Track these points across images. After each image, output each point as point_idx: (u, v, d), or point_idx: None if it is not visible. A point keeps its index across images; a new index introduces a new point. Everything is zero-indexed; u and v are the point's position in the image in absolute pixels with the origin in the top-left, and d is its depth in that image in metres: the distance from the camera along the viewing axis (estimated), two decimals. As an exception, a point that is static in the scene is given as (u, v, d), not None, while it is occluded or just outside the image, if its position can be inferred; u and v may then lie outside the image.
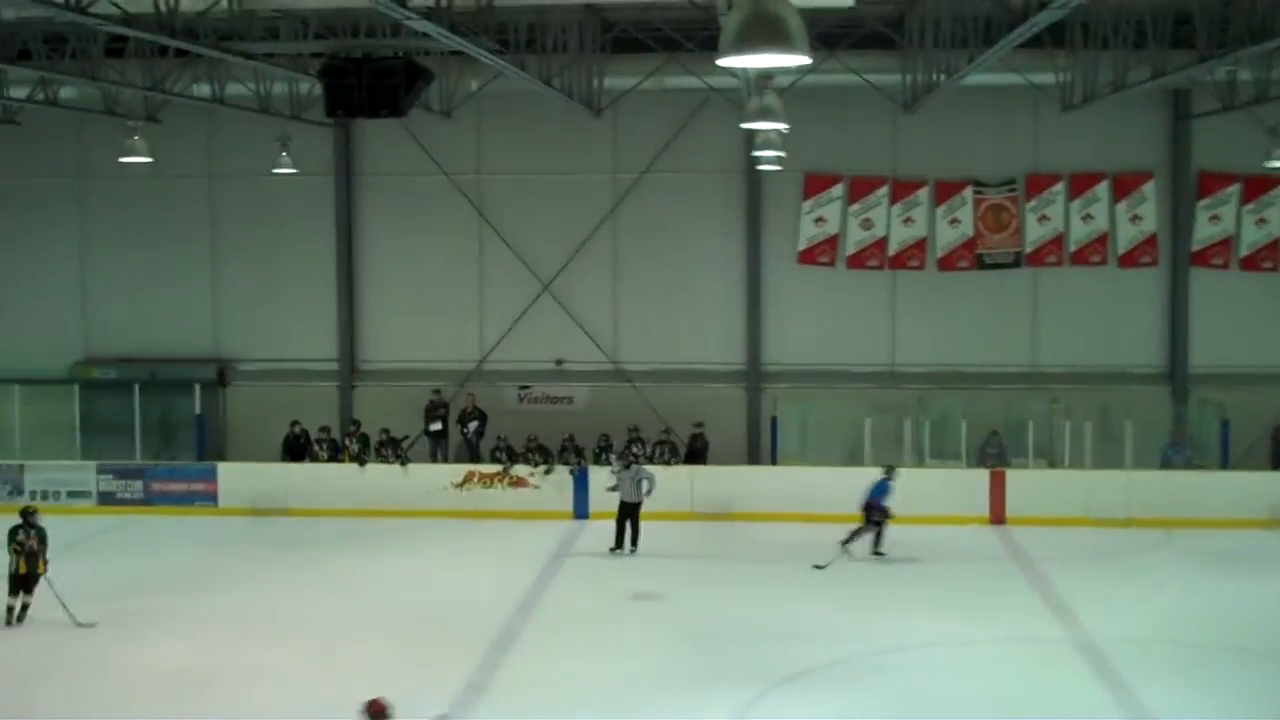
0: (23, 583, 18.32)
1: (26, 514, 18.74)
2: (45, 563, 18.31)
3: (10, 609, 18.22)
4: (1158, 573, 21.67)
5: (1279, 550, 22.82)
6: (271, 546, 23.28)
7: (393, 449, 26.00)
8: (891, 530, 22.77)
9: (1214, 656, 17.09)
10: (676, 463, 25.73)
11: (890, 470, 22.70)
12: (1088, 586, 20.57)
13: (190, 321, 28.99)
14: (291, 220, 28.78)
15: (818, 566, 21.52)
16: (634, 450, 24.74)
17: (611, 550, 22.77)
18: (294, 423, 26.46)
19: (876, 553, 22.19)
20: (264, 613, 19.13)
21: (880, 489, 22.35)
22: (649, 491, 22.91)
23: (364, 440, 26.11)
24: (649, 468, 23.52)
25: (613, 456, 24.75)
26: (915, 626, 18.49)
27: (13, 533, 18.47)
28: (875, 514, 22.23)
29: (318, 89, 19.73)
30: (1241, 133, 25.44)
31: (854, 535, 22.17)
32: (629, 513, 22.91)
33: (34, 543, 18.31)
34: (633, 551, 22.74)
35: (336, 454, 26.18)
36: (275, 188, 27.89)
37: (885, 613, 19.15)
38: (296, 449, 26.36)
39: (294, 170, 26.26)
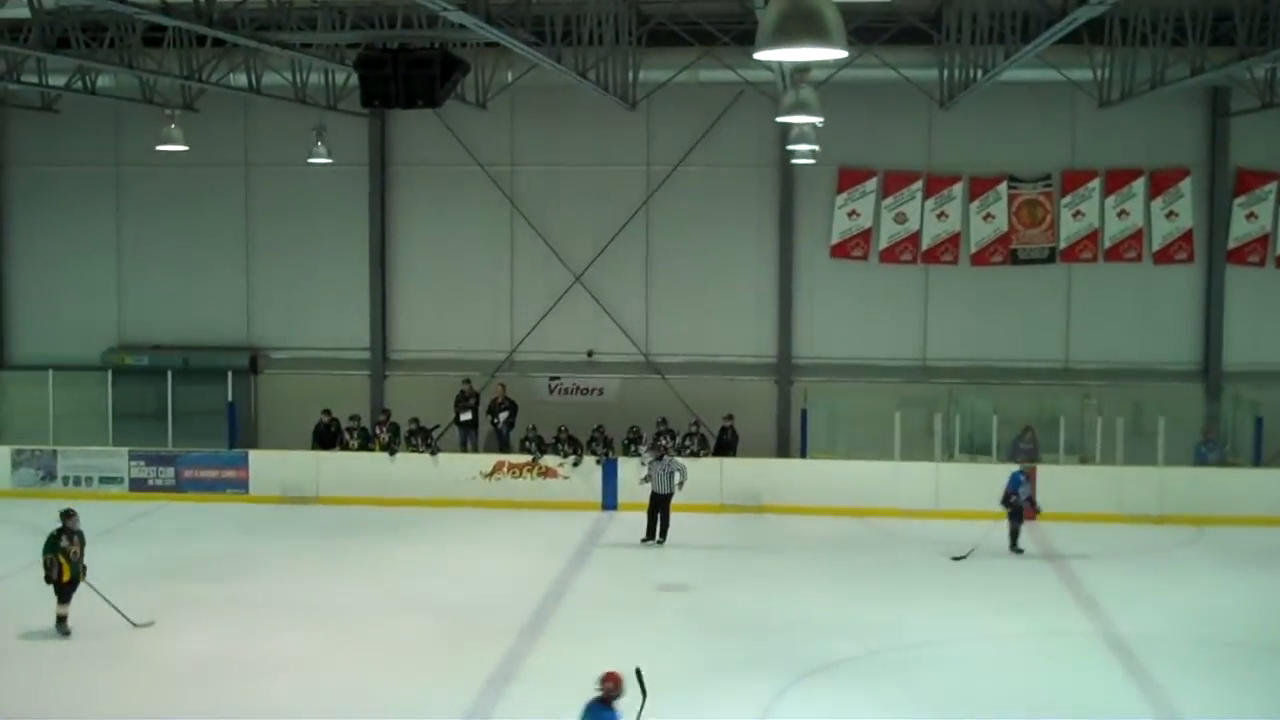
0: (69, 589, 17.55)
1: (67, 518, 17.81)
2: (84, 568, 17.72)
3: (62, 618, 17.46)
4: (1189, 570, 21.58)
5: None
6: (301, 534, 23.40)
7: (423, 438, 26.10)
8: (923, 525, 22.76)
9: (1244, 654, 17.02)
10: (706, 454, 25.76)
11: (1023, 467, 23.04)
12: (1118, 583, 20.52)
13: (223, 309, 29.16)
14: (325, 210, 28.90)
15: (956, 558, 21.67)
16: (663, 441, 24.74)
17: (642, 541, 22.81)
18: (324, 411, 26.58)
19: (1015, 549, 22.34)
20: (293, 600, 19.25)
21: (1014, 482, 22.48)
22: (681, 484, 22.89)
23: (394, 429, 26.20)
24: (680, 460, 23.51)
25: (643, 448, 24.76)
26: (945, 621, 18.49)
27: (54, 539, 17.60)
28: (1015, 507, 22.36)
29: (354, 79, 19.83)
30: (1280, 130, 25.33)
31: (1014, 534, 22.40)
32: (660, 504, 22.93)
33: (77, 549, 17.63)
34: (660, 543, 22.78)
35: (367, 443, 26.28)
36: (310, 177, 28.01)
37: (915, 607, 19.15)
38: (326, 438, 26.47)
39: (329, 160, 26.34)
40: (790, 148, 23.53)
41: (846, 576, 20.97)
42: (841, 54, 8.10)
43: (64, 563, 17.44)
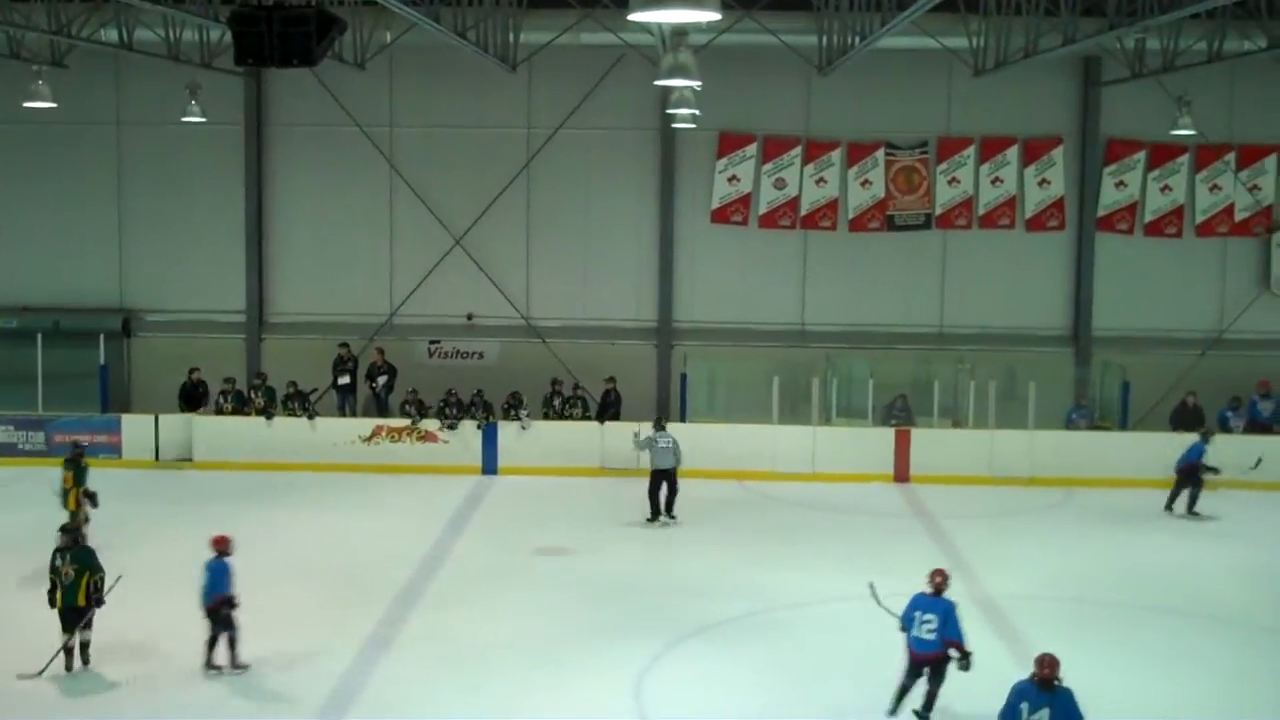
0: (67, 617, 15.08)
1: (63, 533, 15.62)
2: (96, 593, 15.12)
3: (67, 650, 15.03)
4: (1056, 531, 22.09)
5: (1174, 509, 23.29)
6: (176, 500, 23.07)
7: (300, 402, 25.84)
8: (801, 488, 23.05)
9: (1106, 611, 17.49)
10: (589, 418, 25.81)
11: (1206, 434, 23.36)
12: (988, 543, 20.96)
13: (95, 270, 28.53)
14: (201, 169, 28.37)
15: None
16: (662, 417, 24.05)
17: (648, 521, 22.13)
18: (192, 370, 26.23)
19: (1193, 513, 22.75)
20: (166, 567, 18.84)
21: (1196, 451, 22.87)
22: (678, 460, 22.28)
23: (270, 392, 25.91)
24: (672, 433, 22.56)
25: (638, 429, 23.04)
26: (819, 582, 18.75)
27: (52, 556, 15.32)
28: (1199, 473, 22.79)
29: (228, 36, 19.45)
30: (1149, 100, 25.88)
31: (1173, 497, 22.90)
32: (663, 478, 22.20)
33: (72, 570, 15.01)
34: (671, 519, 22.10)
35: (242, 406, 25.94)
36: (185, 137, 27.43)
37: (790, 569, 19.39)
38: (194, 397, 26.11)
39: (203, 119, 25.81)
40: (670, 112, 23.59)
41: (724, 539, 21.16)
42: (715, 16, 8.16)
43: (57, 584, 15.10)
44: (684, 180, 27.97)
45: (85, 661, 15.14)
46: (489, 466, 25.39)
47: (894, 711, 13.93)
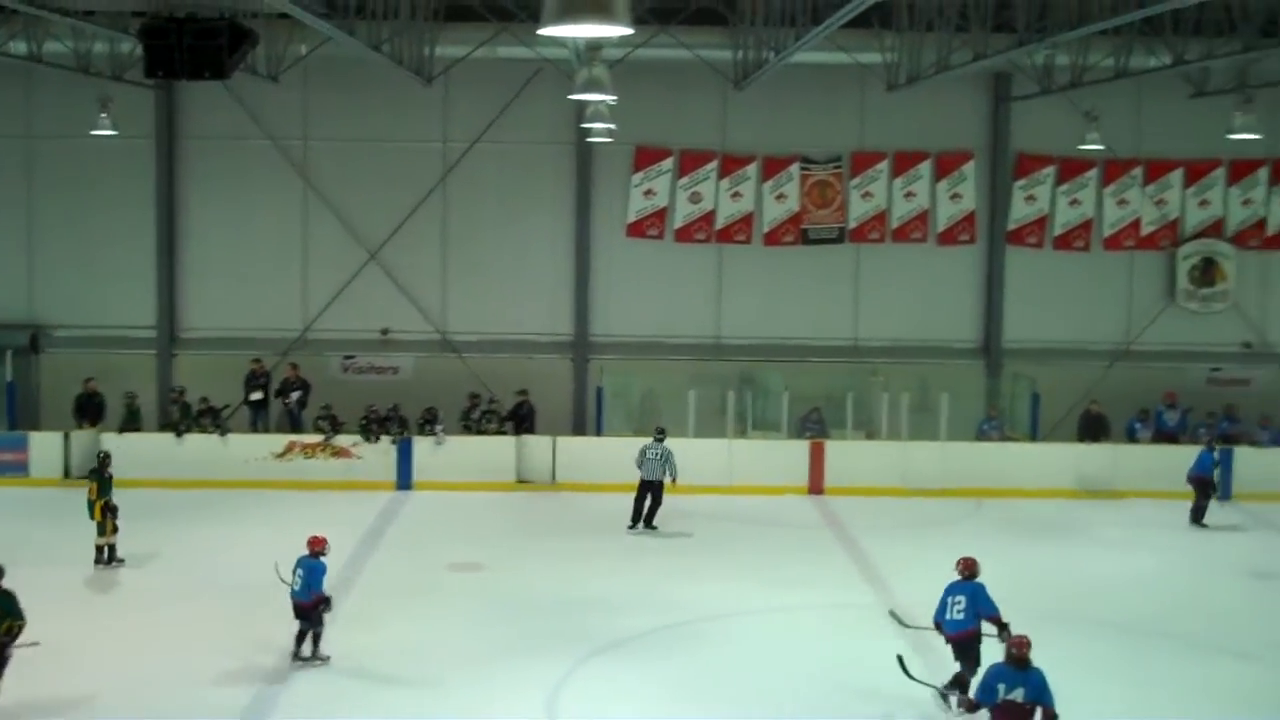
0: None
1: None
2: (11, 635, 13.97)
3: None
4: (968, 541, 22.06)
5: (1083, 519, 23.66)
6: (84, 519, 22.63)
7: (212, 418, 25.57)
8: (717, 501, 23.16)
9: (1014, 619, 17.49)
10: (507, 432, 25.77)
11: (1211, 444, 23.91)
12: (900, 554, 21.14)
13: (3, 285, 28.05)
14: (112, 183, 27.97)
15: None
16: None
17: (629, 529, 22.41)
18: (87, 380, 26.01)
19: (1201, 524, 23.19)
20: (75, 587, 18.71)
21: (1206, 460, 23.35)
22: (674, 476, 22.54)
23: (184, 409, 25.61)
24: (666, 447, 22.76)
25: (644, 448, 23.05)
26: (733, 595, 18.84)
27: None
28: (1205, 487, 23.36)
29: (139, 49, 19.25)
30: (1058, 116, 26.33)
31: (1199, 509, 23.35)
32: (648, 490, 22.54)
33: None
34: (650, 529, 22.42)
35: (134, 422, 25.72)
36: (95, 150, 27.06)
37: (705, 582, 19.46)
38: (89, 409, 25.79)
39: (114, 132, 25.47)
40: (586, 126, 23.63)
41: (639, 553, 21.21)
42: (627, 31, 8.19)
43: None
44: (600, 194, 28.02)
45: None
46: (404, 482, 25.25)
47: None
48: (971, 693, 12.98)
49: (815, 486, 25.25)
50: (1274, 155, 27.86)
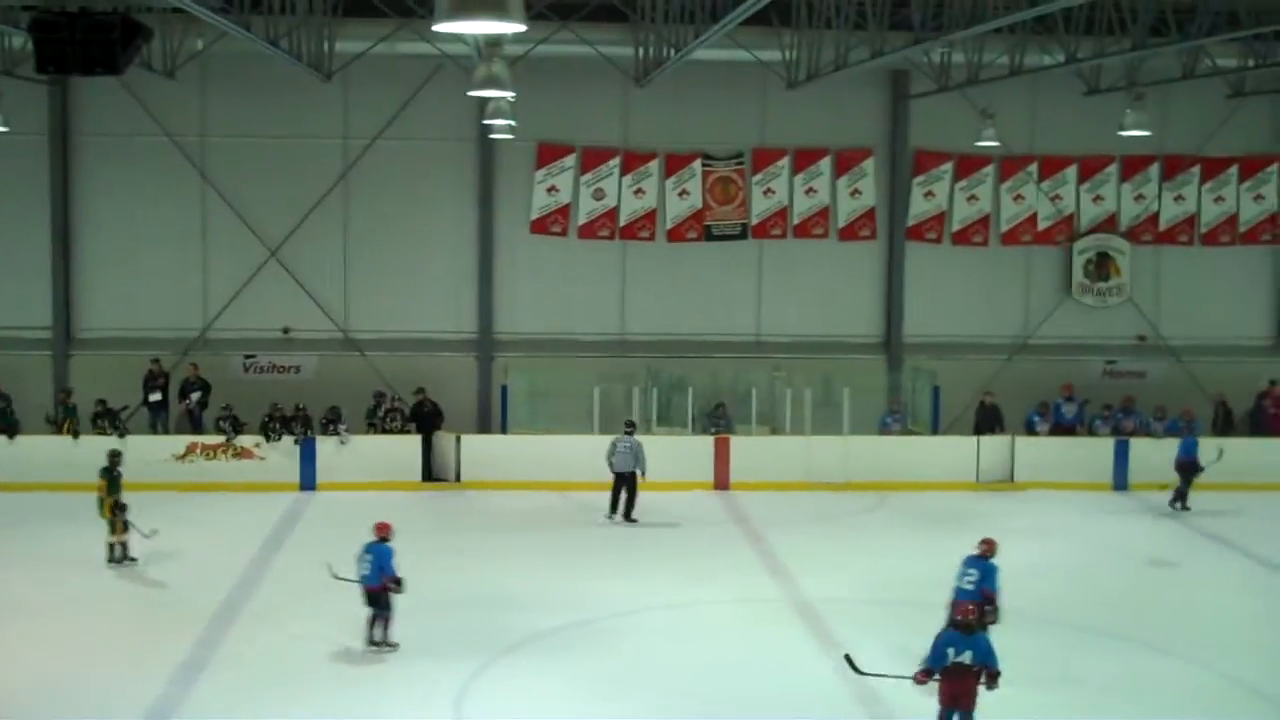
0: None
1: None
2: None
3: None
4: (871, 534, 22.60)
5: (983, 512, 23.92)
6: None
7: (109, 420, 25.17)
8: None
9: (921, 612, 17.80)
10: (408, 431, 25.63)
11: (1191, 429, 24.82)
12: (805, 548, 21.33)
13: (-110, 285, 27.46)
14: (3, 180, 27.37)
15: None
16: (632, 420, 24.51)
17: (607, 518, 22.88)
18: None
19: (1185, 507, 24.02)
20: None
21: (1190, 446, 24.12)
22: (643, 472, 22.96)
23: (72, 410, 25.22)
24: (638, 439, 23.34)
25: (614, 440, 23.45)
26: (641, 591, 18.87)
27: None
28: (1190, 471, 24.00)
29: (30, 43, 18.90)
30: (955, 113, 26.69)
31: (1181, 494, 24.10)
32: (623, 482, 22.95)
33: None
34: (630, 520, 22.84)
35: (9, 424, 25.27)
36: (-15, 147, 26.57)
37: (612, 579, 19.48)
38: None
39: (5, 128, 24.91)
40: (487, 122, 23.55)
41: (547, 551, 21.17)
42: (520, 28, 8.20)
43: None
44: (503, 191, 27.94)
45: None
46: (308, 482, 25.03)
47: None
48: (921, 662, 13.40)
49: (721, 482, 25.38)
50: (1165, 152, 28.45)
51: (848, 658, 13.71)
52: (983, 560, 15.65)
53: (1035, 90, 27.03)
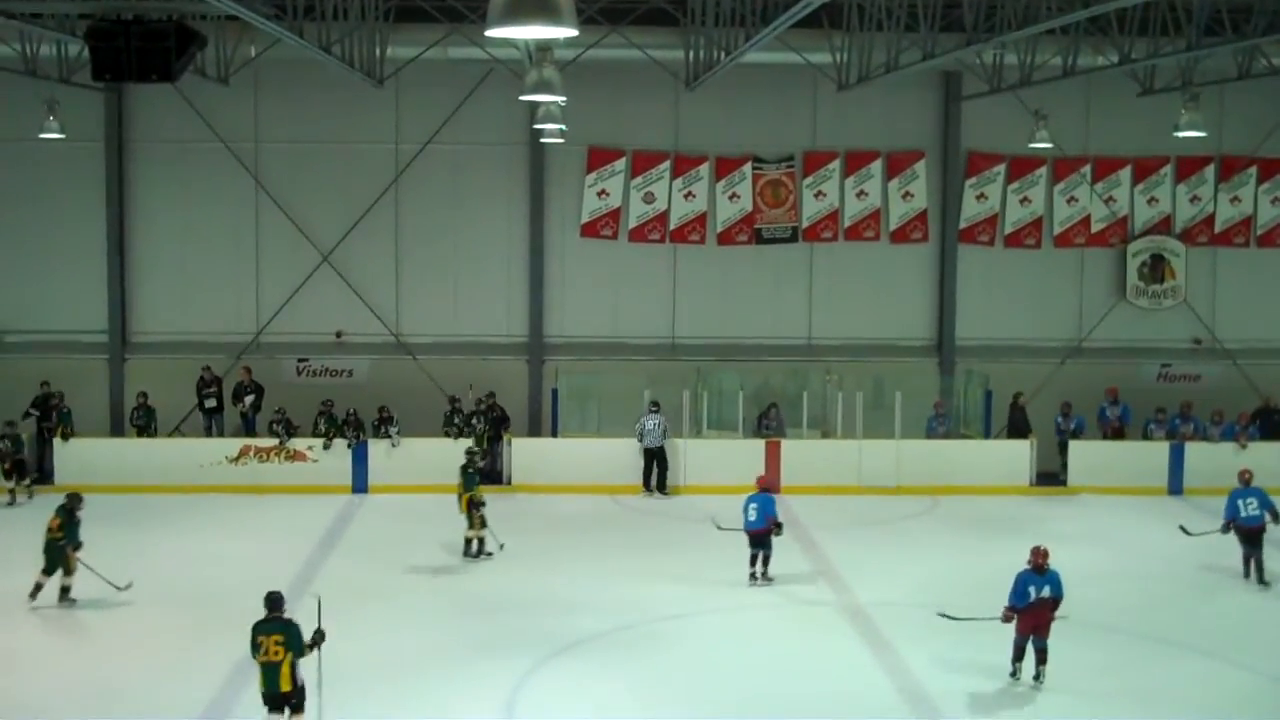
0: None
1: None
2: None
3: None
4: (923, 538, 22.47)
5: (1035, 515, 23.78)
6: (38, 524, 22.47)
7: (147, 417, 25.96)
8: (673, 501, 23.30)
9: (981, 614, 17.78)
10: (507, 432, 26.09)
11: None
12: (857, 552, 21.25)
13: (-50, 291, 27.81)
14: (61, 187, 27.71)
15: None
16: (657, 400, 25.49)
17: (644, 494, 24.84)
18: (43, 382, 26.24)
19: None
20: (28, 594, 18.54)
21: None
22: (667, 436, 25.03)
23: (150, 413, 25.79)
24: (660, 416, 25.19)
25: (642, 420, 25.35)
26: (692, 594, 18.86)
27: None
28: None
29: (87, 52, 19.11)
30: (1007, 115, 26.49)
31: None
32: (653, 457, 24.75)
33: None
34: (663, 494, 24.80)
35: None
36: (43, 153, 26.78)
37: (662, 582, 19.47)
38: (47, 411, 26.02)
39: (62, 135, 25.23)
40: (538, 127, 23.61)
41: (597, 554, 21.20)
42: (572, 33, 8.22)
43: None
44: (553, 195, 28.01)
45: None
46: (359, 485, 25.17)
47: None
48: (1007, 601, 15.40)
49: (772, 486, 25.27)
50: (1220, 152, 28.17)
51: (942, 614, 15.90)
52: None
53: (1089, 91, 26.85)
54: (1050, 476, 26.02)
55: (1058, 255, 28.51)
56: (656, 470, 24.77)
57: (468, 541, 20.70)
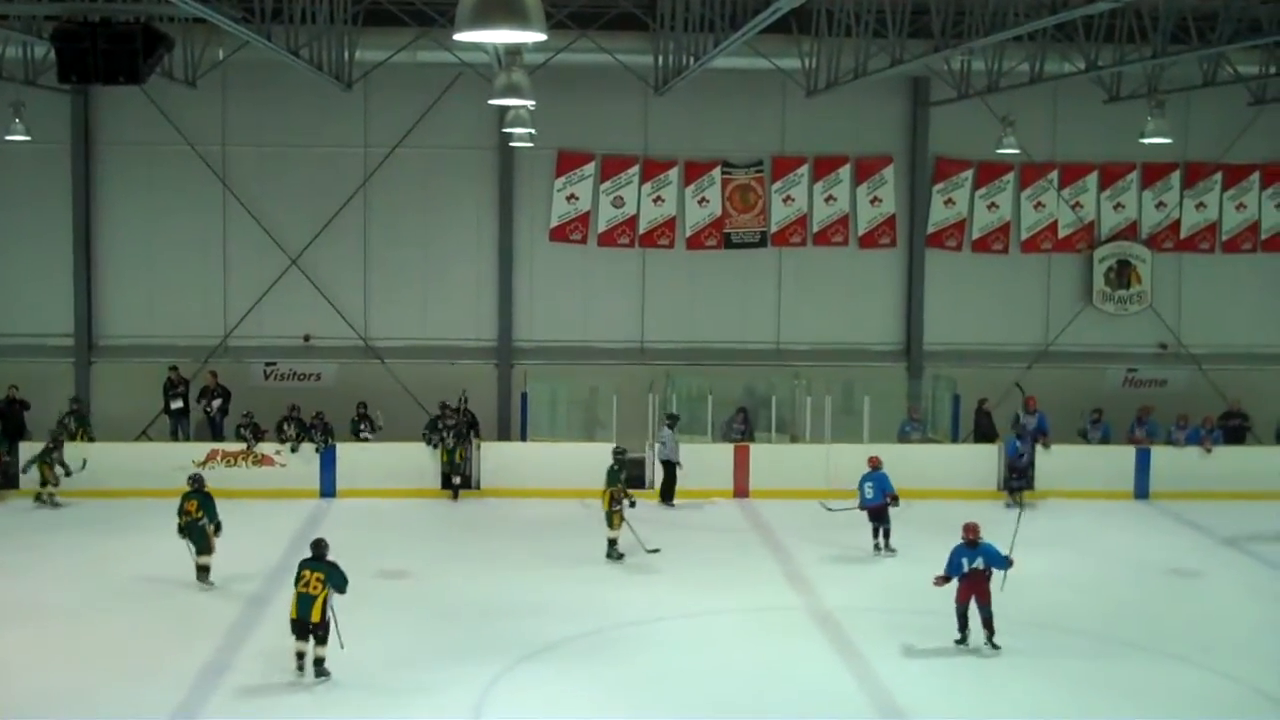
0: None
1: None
2: None
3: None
4: (894, 542, 22.43)
5: (1003, 519, 23.76)
6: (3, 530, 22.37)
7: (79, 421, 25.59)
8: (640, 506, 23.24)
9: (940, 621, 17.82)
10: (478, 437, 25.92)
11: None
12: (825, 557, 21.28)
13: (-86, 293, 27.60)
14: (26, 189, 27.51)
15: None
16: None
17: (670, 505, 24.82)
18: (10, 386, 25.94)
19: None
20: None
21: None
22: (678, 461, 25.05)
23: (84, 420, 25.49)
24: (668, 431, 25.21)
25: (656, 439, 25.46)
26: (660, 599, 18.88)
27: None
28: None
29: (53, 53, 18.98)
30: (975, 121, 26.60)
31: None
32: (672, 470, 24.84)
33: None
34: (670, 506, 24.80)
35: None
36: (9, 156, 26.57)
37: (631, 587, 19.52)
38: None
39: (28, 138, 25.09)
40: (507, 130, 23.60)
41: (565, 558, 21.16)
42: (540, 38, 8.23)
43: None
44: (523, 199, 27.99)
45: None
46: (328, 489, 25.08)
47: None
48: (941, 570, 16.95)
49: (740, 490, 25.36)
50: (1186, 159, 28.36)
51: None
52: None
53: (1056, 97, 26.97)
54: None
55: (1025, 260, 28.65)
56: (665, 481, 24.93)
57: (610, 543, 21.09)
